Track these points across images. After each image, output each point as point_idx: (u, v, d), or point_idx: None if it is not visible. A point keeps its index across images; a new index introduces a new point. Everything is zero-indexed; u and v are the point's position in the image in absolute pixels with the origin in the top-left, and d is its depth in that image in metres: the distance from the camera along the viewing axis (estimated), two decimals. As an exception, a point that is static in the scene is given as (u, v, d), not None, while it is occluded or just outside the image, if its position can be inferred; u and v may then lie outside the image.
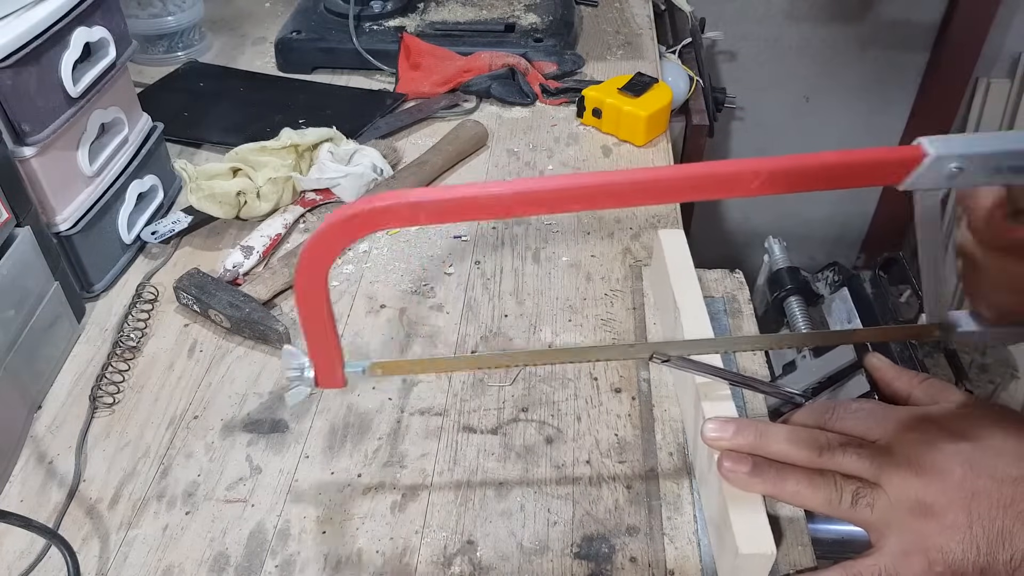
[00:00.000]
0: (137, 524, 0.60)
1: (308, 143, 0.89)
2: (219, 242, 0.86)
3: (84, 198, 0.76)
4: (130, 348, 0.73)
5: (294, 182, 0.87)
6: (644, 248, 0.83)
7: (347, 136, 0.94)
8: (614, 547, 0.57)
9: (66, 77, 0.70)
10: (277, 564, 0.57)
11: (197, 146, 1.00)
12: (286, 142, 0.88)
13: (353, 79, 1.13)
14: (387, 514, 0.60)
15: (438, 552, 0.57)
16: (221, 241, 0.86)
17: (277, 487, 0.62)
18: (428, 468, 0.63)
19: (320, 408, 0.68)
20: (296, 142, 0.88)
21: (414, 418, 0.67)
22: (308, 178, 0.87)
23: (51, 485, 0.63)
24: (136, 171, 0.82)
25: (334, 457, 0.64)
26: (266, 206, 0.86)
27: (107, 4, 0.76)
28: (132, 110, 0.83)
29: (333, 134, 0.91)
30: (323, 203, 0.89)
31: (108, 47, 0.76)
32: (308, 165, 0.90)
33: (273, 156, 0.87)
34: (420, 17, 1.20)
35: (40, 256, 0.69)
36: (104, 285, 0.79)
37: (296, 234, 0.87)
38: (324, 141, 0.90)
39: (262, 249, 0.82)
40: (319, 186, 0.88)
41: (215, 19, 1.27)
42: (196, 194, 0.83)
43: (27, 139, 0.68)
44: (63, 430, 0.67)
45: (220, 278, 0.77)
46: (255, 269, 0.81)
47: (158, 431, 0.66)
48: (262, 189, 0.85)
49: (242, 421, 0.67)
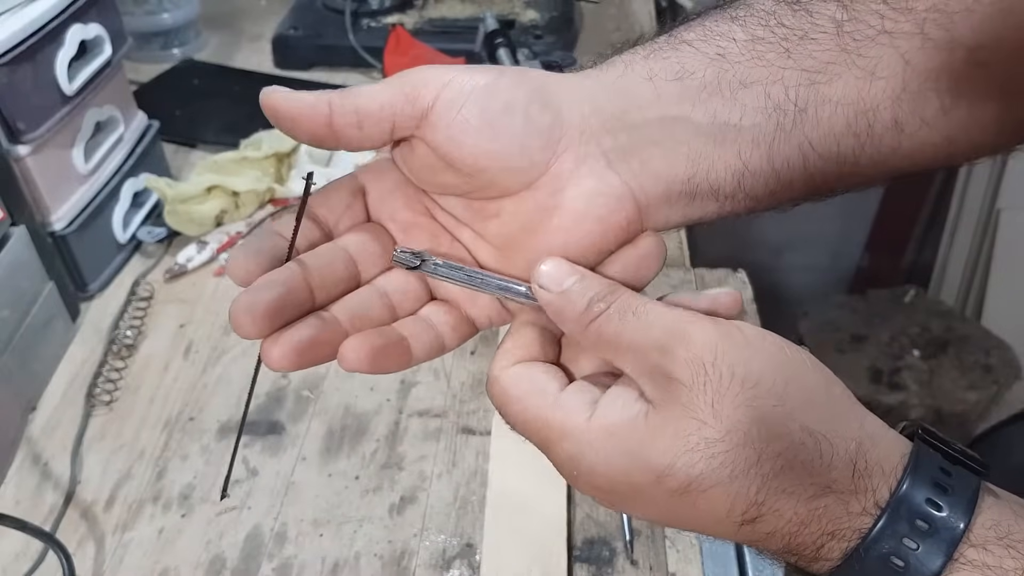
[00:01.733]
0: (133, 527, 0.59)
1: (287, 148, 0.88)
2: (216, 241, 0.85)
3: (79, 197, 0.75)
4: (126, 347, 0.72)
5: (274, 191, 0.86)
6: (645, 247, 0.83)
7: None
8: (615, 550, 0.57)
9: (61, 75, 0.70)
10: (274, 567, 0.56)
11: (192, 145, 0.99)
12: (268, 151, 0.87)
13: (350, 77, 1.12)
14: (385, 517, 0.59)
15: (437, 555, 0.57)
16: (218, 240, 0.85)
17: (274, 490, 0.61)
18: (427, 470, 0.62)
19: (317, 410, 0.67)
20: (277, 150, 0.87)
21: (412, 419, 0.66)
22: (290, 188, 0.86)
23: (46, 487, 0.62)
24: (131, 170, 0.82)
25: (331, 459, 0.63)
26: (245, 212, 0.85)
27: (102, 1, 0.75)
28: (128, 108, 0.83)
29: None
30: (296, 204, 0.88)
31: (103, 45, 0.76)
32: (288, 168, 0.89)
33: (253, 167, 0.86)
34: (419, 13, 1.19)
35: (35, 255, 0.68)
36: (99, 285, 0.78)
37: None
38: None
39: (217, 245, 0.82)
40: (300, 193, 0.87)
41: (211, 16, 1.26)
42: (172, 217, 0.82)
43: (22, 137, 0.67)
44: (58, 431, 0.66)
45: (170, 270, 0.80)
46: (207, 264, 0.82)
47: (153, 433, 0.66)
48: (241, 198, 0.84)
49: (238, 423, 0.66)
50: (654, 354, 0.31)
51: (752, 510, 0.30)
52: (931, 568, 0.28)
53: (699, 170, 0.34)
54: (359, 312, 0.34)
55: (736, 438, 0.29)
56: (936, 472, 0.30)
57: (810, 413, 0.30)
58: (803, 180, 0.35)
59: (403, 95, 0.33)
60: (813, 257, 2.05)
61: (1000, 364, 1.57)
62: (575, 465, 0.32)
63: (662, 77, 0.34)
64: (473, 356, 0.72)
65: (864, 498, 0.29)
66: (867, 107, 0.33)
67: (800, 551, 0.30)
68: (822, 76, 0.33)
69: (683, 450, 0.29)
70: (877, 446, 0.30)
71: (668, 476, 0.30)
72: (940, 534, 0.28)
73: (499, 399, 0.34)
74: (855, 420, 0.31)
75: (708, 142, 0.34)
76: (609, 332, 0.32)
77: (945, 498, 0.29)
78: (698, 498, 0.30)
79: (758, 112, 0.34)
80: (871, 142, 0.34)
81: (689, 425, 0.29)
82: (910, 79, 0.33)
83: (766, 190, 0.35)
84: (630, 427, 0.30)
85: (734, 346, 0.30)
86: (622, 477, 0.31)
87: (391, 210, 0.37)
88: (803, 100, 0.33)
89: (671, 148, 0.34)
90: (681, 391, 0.30)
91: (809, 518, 0.30)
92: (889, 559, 0.29)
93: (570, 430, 0.31)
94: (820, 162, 0.34)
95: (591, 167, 0.34)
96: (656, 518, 0.32)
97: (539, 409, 0.32)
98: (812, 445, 0.30)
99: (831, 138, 0.34)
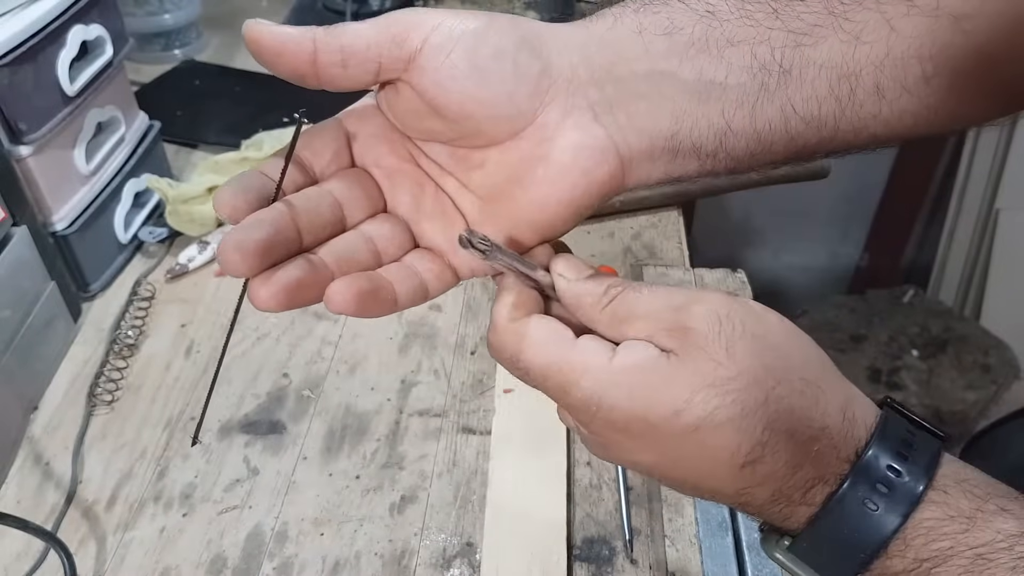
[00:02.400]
0: (134, 526, 0.59)
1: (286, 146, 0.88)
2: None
3: (80, 197, 0.75)
4: (128, 346, 0.73)
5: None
6: (644, 247, 0.83)
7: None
8: (615, 549, 0.57)
9: (63, 75, 0.70)
10: (275, 567, 0.57)
11: (193, 146, 0.99)
12: (269, 152, 0.87)
13: (351, 77, 1.12)
14: (386, 516, 0.60)
15: (437, 554, 0.57)
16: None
17: (275, 489, 0.62)
18: (427, 469, 0.63)
19: (318, 409, 0.67)
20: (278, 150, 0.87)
21: (413, 419, 0.66)
22: None
23: (48, 487, 0.62)
24: (133, 170, 0.82)
25: (332, 459, 0.64)
26: None
27: (104, 2, 0.75)
28: (129, 109, 0.83)
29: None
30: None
31: (105, 45, 0.76)
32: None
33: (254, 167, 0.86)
34: (419, 15, 1.19)
35: (36, 256, 0.68)
36: (101, 285, 0.79)
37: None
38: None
39: (218, 245, 0.81)
40: None
41: (212, 17, 1.26)
42: (173, 217, 0.82)
43: (23, 138, 0.67)
44: (60, 431, 0.66)
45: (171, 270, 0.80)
46: (209, 264, 0.82)
47: (155, 432, 0.66)
48: None
49: (239, 422, 0.66)
50: (669, 313, 0.32)
51: (756, 450, 0.31)
52: (901, 510, 0.31)
53: (683, 127, 0.35)
54: (345, 256, 0.34)
55: (747, 378, 0.31)
56: (903, 432, 0.32)
57: (807, 369, 0.32)
58: (784, 142, 0.35)
59: (390, 36, 0.32)
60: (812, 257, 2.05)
61: (999, 364, 1.57)
62: (595, 402, 0.32)
63: (651, 31, 0.34)
64: (473, 356, 0.72)
65: (850, 445, 0.32)
66: (850, 71, 0.34)
67: (789, 495, 0.32)
68: (808, 38, 0.34)
69: (701, 385, 0.31)
70: (858, 404, 0.33)
71: (685, 411, 0.31)
72: (912, 472, 0.31)
73: (512, 346, 0.34)
74: (841, 382, 0.33)
75: (693, 99, 0.34)
76: (624, 307, 0.33)
77: (911, 451, 0.31)
78: (708, 435, 0.31)
79: (743, 71, 0.34)
80: (852, 107, 0.34)
81: (706, 365, 0.31)
82: (894, 45, 0.33)
83: (747, 151, 0.35)
84: (653, 364, 0.32)
85: (742, 307, 0.32)
86: (641, 411, 0.31)
87: (376, 156, 0.36)
88: (788, 61, 0.34)
89: (657, 103, 0.34)
90: (697, 337, 0.31)
91: (804, 460, 0.31)
92: (864, 502, 0.31)
93: (593, 368, 0.32)
94: (801, 125, 0.35)
95: (577, 119, 0.34)
96: (661, 463, 0.33)
97: (560, 351, 0.33)
98: (811, 393, 0.32)
99: (813, 101, 0.34)
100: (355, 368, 0.71)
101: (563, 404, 0.34)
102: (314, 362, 0.72)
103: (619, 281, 0.34)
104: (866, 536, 0.31)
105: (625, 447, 0.33)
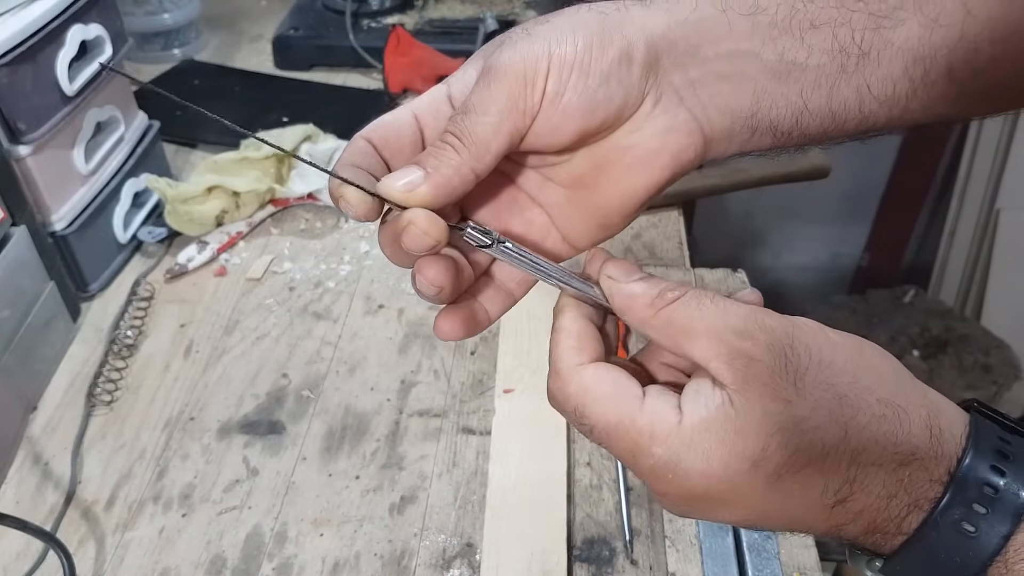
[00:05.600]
0: (133, 527, 0.59)
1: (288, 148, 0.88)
2: (216, 241, 0.85)
3: (80, 197, 0.75)
4: (127, 346, 0.72)
5: (275, 191, 0.86)
6: (645, 247, 0.83)
7: (341, 136, 0.93)
8: (615, 550, 0.57)
9: (62, 75, 0.70)
10: (274, 567, 0.56)
11: (193, 146, 0.99)
12: (268, 152, 0.87)
13: (351, 77, 1.12)
14: (385, 516, 0.59)
15: (437, 555, 0.57)
16: (218, 240, 0.85)
17: (274, 489, 0.61)
18: (427, 470, 0.62)
19: (318, 410, 0.67)
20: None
21: (413, 419, 0.66)
22: (290, 189, 0.86)
23: (47, 487, 0.62)
24: (132, 170, 0.82)
25: (332, 459, 0.63)
26: (246, 213, 0.85)
27: (103, 2, 0.75)
28: (128, 108, 0.83)
29: (311, 131, 0.90)
30: (296, 205, 0.88)
31: (104, 45, 0.76)
32: (289, 168, 0.89)
33: (254, 168, 0.86)
34: (419, 14, 1.19)
35: (35, 255, 0.68)
36: (100, 285, 0.78)
37: (261, 230, 0.86)
38: (303, 141, 0.89)
39: (218, 245, 0.82)
40: (301, 194, 0.87)
41: (211, 16, 1.26)
42: (173, 217, 0.82)
43: (23, 137, 0.67)
44: (59, 431, 0.66)
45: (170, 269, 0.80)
46: (208, 264, 0.82)
47: (154, 432, 0.66)
48: (242, 198, 0.84)
49: (239, 423, 0.66)
50: (733, 338, 0.31)
51: (844, 488, 0.30)
52: (1000, 531, 0.29)
53: (762, 106, 0.35)
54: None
55: (822, 414, 0.29)
56: (996, 440, 0.30)
57: (883, 387, 0.31)
58: (856, 121, 0.36)
59: (518, 112, 0.32)
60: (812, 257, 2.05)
61: (999, 364, 1.57)
62: (670, 470, 0.31)
63: (736, 10, 0.35)
64: (473, 356, 0.72)
65: (942, 464, 0.30)
66: (925, 54, 0.34)
67: (883, 527, 0.30)
68: (888, 21, 0.34)
69: (775, 429, 0.29)
70: (943, 414, 0.31)
71: (763, 460, 0.29)
72: (1006, 499, 0.29)
73: (577, 399, 0.33)
74: (919, 391, 0.32)
75: (773, 79, 0.35)
76: (682, 318, 0.32)
77: (1007, 464, 0.29)
78: (792, 481, 0.30)
79: (824, 53, 0.34)
80: (924, 88, 0.35)
81: (776, 405, 0.29)
82: (968, 27, 0.34)
83: (820, 129, 0.36)
84: (722, 417, 0.30)
85: (805, 333, 0.31)
86: (720, 471, 0.30)
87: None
88: (867, 44, 0.34)
89: (738, 83, 0.35)
90: (763, 371, 0.30)
91: (896, 489, 0.30)
92: (960, 525, 0.29)
93: (663, 434, 0.31)
94: (874, 104, 0.35)
95: (664, 105, 0.35)
96: (749, 517, 0.32)
97: (629, 412, 0.31)
98: (891, 415, 0.30)
99: (888, 81, 0.35)
100: (355, 368, 0.71)
101: (633, 469, 0.32)
102: (314, 362, 0.71)
103: (676, 285, 0.33)
104: (964, 562, 0.29)
105: (709, 508, 0.32)
